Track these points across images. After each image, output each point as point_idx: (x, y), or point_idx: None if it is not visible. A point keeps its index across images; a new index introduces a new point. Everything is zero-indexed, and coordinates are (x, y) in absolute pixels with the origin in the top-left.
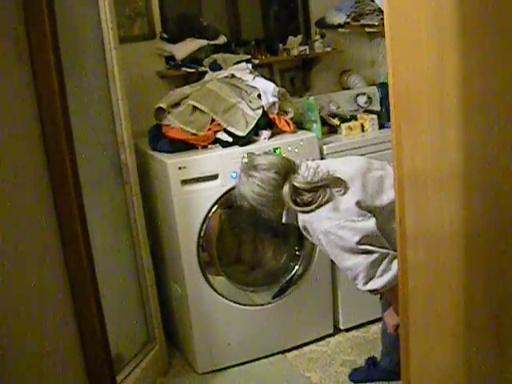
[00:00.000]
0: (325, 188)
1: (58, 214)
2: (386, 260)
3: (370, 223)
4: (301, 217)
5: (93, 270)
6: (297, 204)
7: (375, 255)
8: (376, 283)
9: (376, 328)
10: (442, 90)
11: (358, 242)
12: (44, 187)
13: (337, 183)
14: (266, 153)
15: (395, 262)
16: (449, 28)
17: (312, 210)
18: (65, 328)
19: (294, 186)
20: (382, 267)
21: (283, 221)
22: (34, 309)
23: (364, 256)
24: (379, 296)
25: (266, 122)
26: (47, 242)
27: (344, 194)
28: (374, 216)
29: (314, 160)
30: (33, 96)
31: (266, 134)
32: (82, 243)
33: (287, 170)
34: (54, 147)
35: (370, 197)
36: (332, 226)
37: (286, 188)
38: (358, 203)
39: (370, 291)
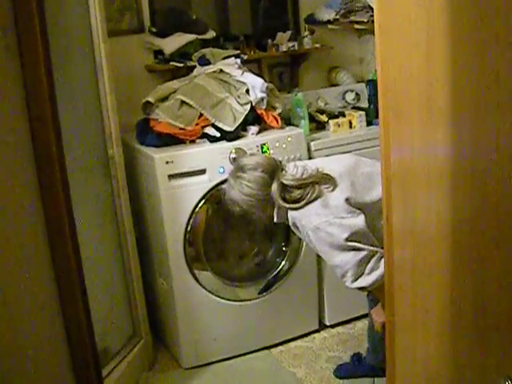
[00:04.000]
0: (313, 185)
1: (45, 207)
2: (375, 258)
3: (359, 220)
4: (290, 214)
5: (79, 264)
6: (286, 201)
7: (364, 253)
8: (364, 281)
9: (361, 324)
10: (431, 88)
11: (347, 239)
12: (31, 180)
13: (325, 180)
14: (251, 154)
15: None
16: (438, 25)
17: (301, 207)
18: (51, 322)
19: (282, 183)
20: (370, 265)
21: (275, 220)
22: (19, 303)
23: (353, 253)
24: (366, 293)
25: (254, 118)
26: (33, 235)
27: (333, 190)
28: (364, 213)
29: (300, 160)
30: (21, 88)
31: (253, 129)
32: (68, 237)
33: (274, 168)
34: (41, 140)
35: (359, 193)
36: (321, 223)
37: (275, 186)
38: (347, 200)
39: (359, 289)
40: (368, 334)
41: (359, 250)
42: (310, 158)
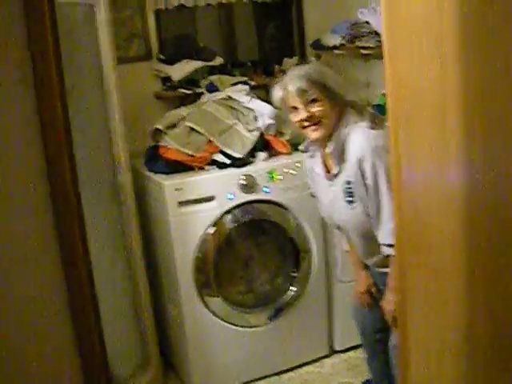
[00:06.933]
0: None
1: (60, 235)
2: None
3: None
4: (359, 143)
5: (94, 293)
6: None
7: None
8: None
9: None
10: (445, 111)
11: None
12: (46, 208)
13: None
14: None
15: None
16: (451, 47)
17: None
18: (66, 349)
19: None
20: None
21: (328, 149)
22: (36, 332)
23: None
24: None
25: (262, 144)
26: (49, 264)
27: None
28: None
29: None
30: (36, 120)
31: (262, 155)
32: (82, 265)
33: None
34: (57, 172)
35: None
36: None
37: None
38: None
39: None
40: (369, 368)
41: None
42: None
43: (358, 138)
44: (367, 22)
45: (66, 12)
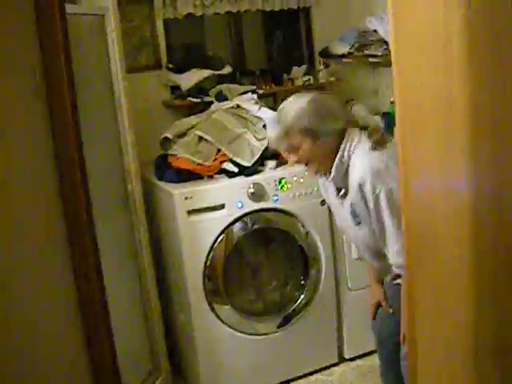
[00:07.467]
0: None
1: (72, 245)
2: None
3: None
4: (360, 166)
5: (104, 301)
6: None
7: None
8: None
9: None
10: (451, 120)
11: None
12: (57, 219)
13: None
14: None
15: None
16: (458, 55)
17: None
18: (77, 357)
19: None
20: None
21: (330, 177)
22: (48, 341)
23: None
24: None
25: (271, 152)
26: (61, 273)
27: None
28: None
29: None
30: (48, 130)
31: (271, 164)
32: (94, 276)
33: None
34: (68, 180)
35: None
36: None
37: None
38: None
39: None
40: (382, 379)
41: None
42: None
43: (359, 161)
44: (375, 31)
45: (76, 22)
